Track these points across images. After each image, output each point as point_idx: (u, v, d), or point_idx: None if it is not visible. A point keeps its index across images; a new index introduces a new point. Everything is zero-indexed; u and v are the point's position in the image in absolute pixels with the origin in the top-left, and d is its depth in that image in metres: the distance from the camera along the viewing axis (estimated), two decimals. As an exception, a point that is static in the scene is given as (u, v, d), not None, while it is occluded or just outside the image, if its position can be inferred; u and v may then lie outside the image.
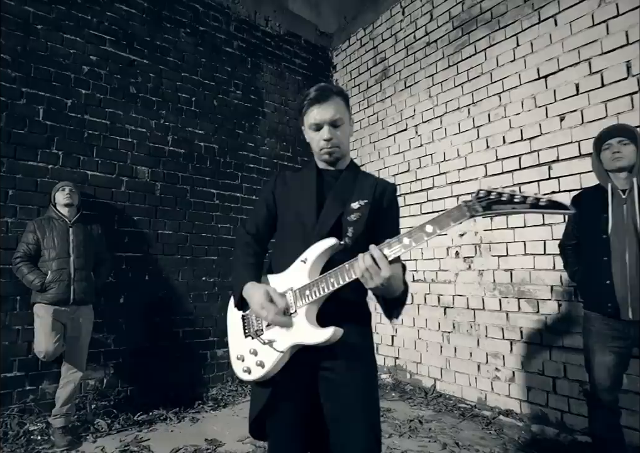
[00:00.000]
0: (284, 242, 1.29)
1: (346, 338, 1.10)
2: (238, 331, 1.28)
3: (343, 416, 1.14)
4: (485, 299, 3.09)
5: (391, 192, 1.30)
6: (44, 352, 2.39)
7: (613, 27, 2.48)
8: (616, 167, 1.85)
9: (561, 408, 2.63)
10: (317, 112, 1.22)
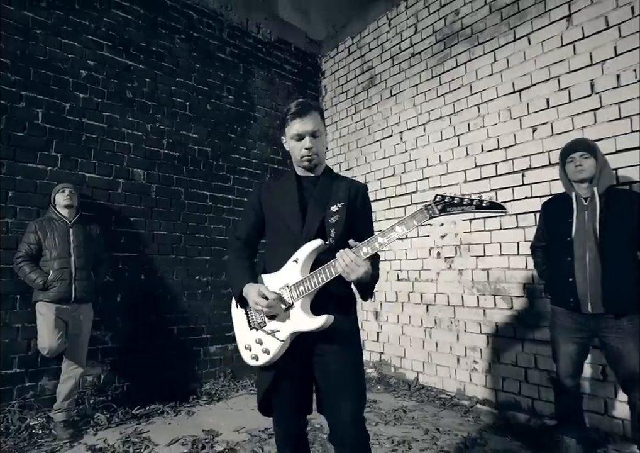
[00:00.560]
0: (275, 246, 1.47)
1: (336, 324, 1.29)
2: (243, 325, 1.45)
3: (336, 388, 1.34)
4: (464, 297, 3.32)
5: (363, 193, 1.50)
6: (48, 348, 2.48)
7: (580, 49, 2.73)
8: (578, 178, 2.08)
9: (532, 396, 2.87)
10: (300, 125, 1.39)
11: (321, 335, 1.31)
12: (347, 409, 1.31)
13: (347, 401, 1.32)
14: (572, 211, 2.10)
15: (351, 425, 1.30)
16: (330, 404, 1.35)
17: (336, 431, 1.33)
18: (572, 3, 2.78)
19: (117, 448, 2.41)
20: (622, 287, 1.92)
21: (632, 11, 2.49)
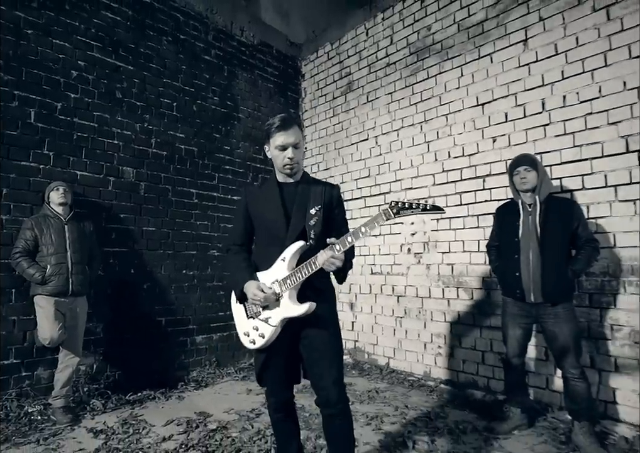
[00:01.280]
0: (264, 246, 1.74)
1: (317, 310, 1.58)
2: (242, 315, 1.72)
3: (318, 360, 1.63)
4: (431, 289, 3.68)
5: (336, 195, 1.77)
6: (49, 339, 2.63)
7: (533, 70, 3.09)
8: (523, 188, 2.44)
9: (487, 375, 3.27)
10: (284, 137, 1.63)
11: (306, 320, 1.59)
12: (330, 375, 1.60)
13: (330, 368, 1.61)
14: (519, 216, 2.47)
15: (333, 387, 1.59)
16: (316, 372, 1.63)
17: (322, 394, 1.62)
18: (528, 29, 3.14)
19: (117, 429, 2.61)
20: (558, 280, 2.30)
21: (577, 41, 2.87)
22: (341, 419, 1.63)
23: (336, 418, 1.63)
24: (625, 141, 2.62)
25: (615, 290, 2.62)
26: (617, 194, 2.65)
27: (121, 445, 2.38)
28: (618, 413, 2.57)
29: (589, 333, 2.70)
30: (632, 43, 2.62)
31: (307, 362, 1.67)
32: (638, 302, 2.53)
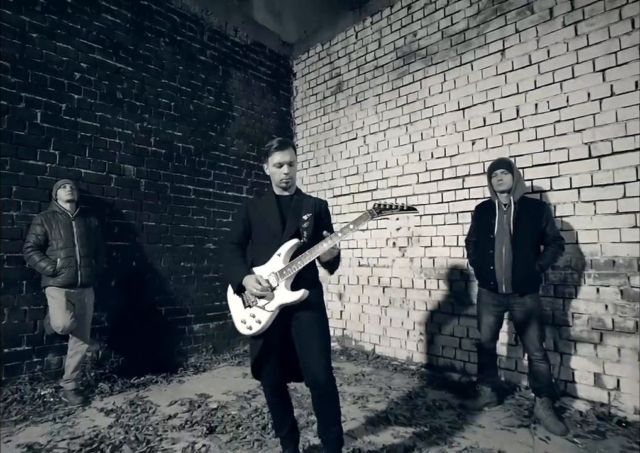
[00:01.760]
0: (261, 245, 1.97)
1: (308, 297, 1.81)
2: (239, 305, 1.93)
3: (308, 343, 1.85)
4: (414, 280, 3.97)
5: (324, 207, 2.05)
6: (62, 327, 2.84)
7: (509, 79, 3.34)
8: (499, 190, 2.71)
9: (464, 360, 3.58)
10: (281, 157, 1.90)
11: (298, 306, 1.82)
12: (319, 360, 1.83)
13: (319, 354, 1.84)
14: (495, 215, 2.74)
15: (322, 369, 1.83)
16: (305, 354, 1.86)
17: (311, 377, 1.84)
18: (505, 40, 3.38)
19: (126, 409, 2.84)
20: (526, 274, 2.58)
21: (548, 54, 3.12)
22: (328, 399, 1.89)
23: (324, 398, 1.88)
24: (588, 148, 2.90)
25: (577, 282, 2.93)
26: (580, 195, 2.94)
27: (131, 422, 2.62)
28: (576, 390, 2.89)
29: (553, 320, 3.02)
30: (596, 58, 2.88)
31: (297, 345, 1.88)
32: (595, 292, 2.84)
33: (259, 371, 1.96)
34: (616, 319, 2.74)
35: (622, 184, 2.75)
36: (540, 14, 3.18)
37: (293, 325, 1.88)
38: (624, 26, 2.77)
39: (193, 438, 2.41)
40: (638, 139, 2.69)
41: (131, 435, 2.41)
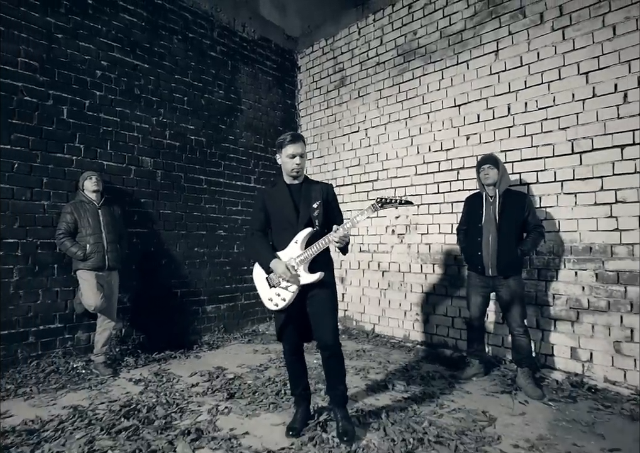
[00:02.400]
0: (279, 232, 2.27)
1: (323, 278, 2.12)
2: (265, 286, 2.25)
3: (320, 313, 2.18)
4: (411, 265, 4.28)
5: (331, 191, 2.33)
6: (94, 306, 3.14)
7: (502, 78, 3.59)
8: (486, 183, 2.99)
9: (455, 337, 3.92)
10: (293, 149, 2.17)
11: (314, 285, 2.14)
12: (328, 324, 2.17)
13: (329, 322, 2.17)
14: (483, 205, 3.03)
15: (331, 333, 2.17)
16: (317, 322, 2.19)
17: (322, 339, 2.18)
18: (499, 41, 3.61)
19: (152, 379, 3.17)
20: (510, 258, 2.89)
21: (538, 56, 3.37)
22: (336, 358, 2.23)
23: (332, 358, 2.22)
24: (571, 144, 3.18)
25: (557, 267, 3.24)
26: (562, 187, 3.23)
27: (159, 389, 2.95)
28: (555, 363, 3.24)
29: (536, 300, 3.34)
30: (581, 61, 3.14)
31: (312, 317, 2.21)
32: (574, 276, 3.15)
33: (282, 335, 2.30)
34: (591, 299, 3.07)
35: (600, 178, 3.04)
36: (531, 18, 3.41)
37: (310, 301, 2.19)
38: (607, 33, 3.02)
39: (216, 401, 2.74)
40: (615, 137, 2.97)
41: (161, 398, 2.74)
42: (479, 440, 2.19)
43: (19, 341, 3.19)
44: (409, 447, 2.08)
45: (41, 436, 2.20)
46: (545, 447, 2.12)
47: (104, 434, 2.23)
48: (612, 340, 2.96)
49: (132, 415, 2.46)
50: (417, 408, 2.60)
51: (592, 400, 2.76)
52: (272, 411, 2.60)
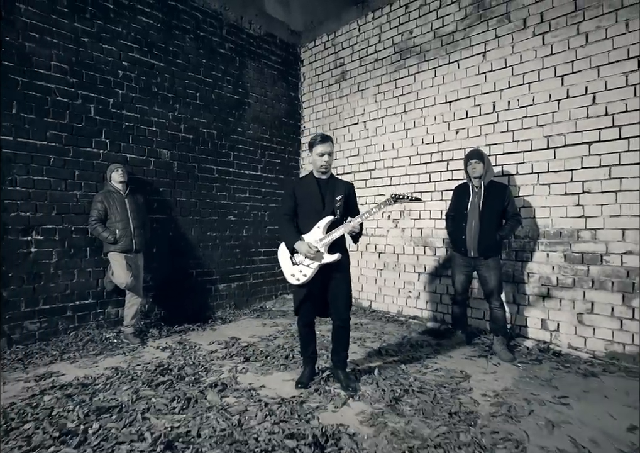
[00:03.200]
0: (305, 218, 2.66)
1: (340, 259, 2.54)
2: (289, 263, 2.66)
3: (338, 291, 2.62)
4: (405, 247, 4.71)
5: (353, 190, 2.76)
6: (125, 283, 3.58)
7: (489, 78, 3.94)
8: (473, 176, 3.39)
9: (443, 312, 4.39)
10: (323, 148, 2.56)
11: (333, 265, 2.56)
12: (344, 301, 2.62)
13: (344, 296, 2.62)
14: (469, 195, 3.43)
15: (345, 309, 2.63)
16: (335, 299, 2.63)
17: (337, 312, 2.63)
18: (487, 43, 3.94)
19: (176, 346, 3.64)
20: (490, 242, 3.31)
21: (521, 58, 3.71)
22: (344, 329, 2.69)
23: (342, 328, 2.68)
24: (547, 140, 3.56)
25: (532, 249, 3.68)
26: (538, 179, 3.63)
27: (184, 354, 3.42)
28: (527, 332, 3.71)
29: (513, 278, 3.79)
30: (557, 65, 3.48)
31: (331, 294, 2.63)
32: (546, 257, 3.59)
33: (300, 309, 2.70)
34: (559, 277, 3.51)
35: (570, 171, 3.43)
36: (515, 23, 3.73)
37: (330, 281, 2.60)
38: (580, 40, 3.36)
39: (234, 364, 3.21)
40: (584, 135, 3.35)
41: (188, 361, 3.22)
42: (454, 390, 2.66)
43: (59, 315, 3.64)
44: (396, 395, 2.56)
45: (94, 388, 2.67)
46: (507, 395, 2.60)
47: (146, 386, 2.70)
48: (575, 312, 3.42)
49: (166, 373, 2.94)
50: (405, 367, 3.08)
51: (555, 362, 3.24)
52: (282, 371, 3.07)
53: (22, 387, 2.70)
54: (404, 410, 2.38)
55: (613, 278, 3.22)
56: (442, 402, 2.48)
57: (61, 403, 2.43)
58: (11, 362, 3.15)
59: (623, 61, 3.15)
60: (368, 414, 2.33)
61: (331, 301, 2.65)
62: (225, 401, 2.50)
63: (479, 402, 2.51)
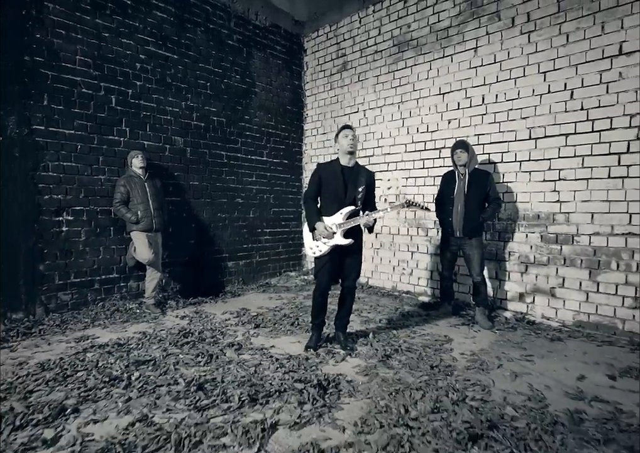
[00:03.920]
0: (328, 203, 3.01)
1: (354, 243, 2.93)
2: (310, 238, 3.05)
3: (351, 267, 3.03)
4: (400, 228, 5.11)
5: (374, 180, 3.10)
6: (147, 259, 3.99)
7: (479, 72, 4.25)
8: (458, 164, 3.75)
9: (433, 287, 4.83)
10: (347, 132, 2.91)
11: (347, 248, 2.94)
12: (355, 274, 3.05)
13: (355, 271, 3.05)
14: (455, 181, 3.81)
15: (354, 280, 3.06)
16: (348, 271, 3.04)
17: (348, 281, 3.05)
18: (478, 39, 4.24)
19: (193, 315, 4.08)
20: (473, 223, 3.71)
21: (508, 55, 4.02)
22: (351, 296, 3.13)
23: (349, 294, 3.11)
24: (529, 132, 3.92)
25: (513, 230, 4.08)
26: (520, 167, 4.00)
27: (201, 322, 3.86)
28: (507, 305, 4.16)
29: (496, 257, 4.21)
30: (541, 62, 3.80)
31: (345, 267, 3.03)
32: (525, 237, 4.00)
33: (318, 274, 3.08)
34: (536, 255, 3.93)
35: (549, 160, 3.80)
36: (505, 21, 4.03)
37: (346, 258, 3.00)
38: (562, 39, 3.67)
39: (246, 329, 3.66)
40: (562, 127, 3.70)
41: (206, 326, 3.66)
42: (437, 350, 3.11)
43: (88, 287, 4.07)
44: (387, 353, 3.01)
45: (129, 347, 3.12)
46: (482, 354, 3.05)
47: (172, 346, 3.15)
48: (549, 286, 3.85)
49: (188, 336, 3.38)
50: (396, 333, 3.53)
51: (528, 330, 3.69)
52: (289, 335, 3.52)
53: (66, 347, 3.15)
54: (393, 364, 2.83)
55: (582, 256, 3.64)
56: (426, 358, 2.93)
57: (103, 358, 2.88)
58: (50, 327, 3.59)
59: (598, 60, 3.48)
60: (362, 367, 2.78)
61: (346, 273, 3.06)
62: (241, 357, 2.95)
63: (457, 359, 2.96)
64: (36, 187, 3.66)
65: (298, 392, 2.34)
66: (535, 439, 1.88)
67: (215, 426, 2.00)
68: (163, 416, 2.11)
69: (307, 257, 6.30)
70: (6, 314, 3.56)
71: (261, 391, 2.35)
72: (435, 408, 2.15)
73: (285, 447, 1.86)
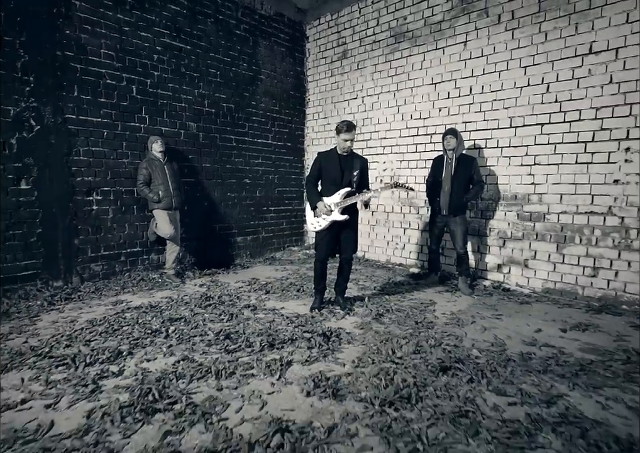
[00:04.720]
0: (327, 185, 3.50)
1: (350, 219, 3.43)
2: (311, 215, 3.55)
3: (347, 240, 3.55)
4: (394, 206, 5.62)
5: (366, 165, 3.58)
6: (169, 234, 4.49)
7: (468, 65, 4.65)
8: (448, 149, 4.20)
9: (423, 259, 5.36)
10: (348, 135, 3.35)
11: (344, 223, 3.44)
12: (351, 246, 3.55)
13: (351, 244, 3.55)
14: (443, 165, 4.28)
15: (351, 252, 3.58)
16: (345, 244, 3.54)
17: (345, 253, 3.57)
18: (468, 34, 4.61)
19: (210, 284, 4.62)
20: (458, 203, 4.20)
21: (494, 49, 4.41)
22: (348, 265, 3.66)
23: (347, 264, 3.64)
24: (510, 120, 4.36)
25: (494, 209, 4.59)
26: (502, 152, 4.46)
27: (218, 290, 4.41)
28: (487, 275, 4.72)
29: (478, 233, 4.73)
30: (522, 57, 4.21)
31: (342, 241, 3.54)
32: (504, 215, 4.51)
33: (317, 246, 3.59)
34: (513, 231, 4.46)
35: (526, 147, 4.27)
36: (492, 18, 4.40)
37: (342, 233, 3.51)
38: (541, 37, 4.07)
39: (258, 295, 4.21)
40: (539, 117, 4.15)
41: (223, 292, 4.21)
42: (422, 311, 3.68)
43: (115, 259, 4.59)
44: (380, 313, 3.57)
45: (160, 308, 3.66)
46: (460, 313, 3.62)
47: (197, 307, 3.69)
48: (523, 259, 4.40)
49: (209, 299, 3.93)
50: (388, 297, 4.09)
51: (503, 295, 4.25)
52: (296, 299, 4.07)
53: (105, 309, 3.69)
54: (384, 321, 3.40)
55: (551, 232, 4.17)
56: (412, 316, 3.50)
57: (141, 316, 3.43)
58: (87, 293, 4.12)
59: (571, 58, 3.89)
60: (359, 323, 3.35)
61: (343, 246, 3.58)
62: (257, 316, 3.50)
63: (438, 317, 3.53)
64: (70, 170, 4.11)
65: (307, 340, 2.90)
66: (491, 370, 2.45)
67: (243, 363, 2.57)
68: (201, 357, 2.67)
69: (308, 233, 6.82)
70: (48, 282, 4.09)
71: (277, 339, 2.91)
72: (416, 350, 2.72)
73: (299, 375, 2.42)
